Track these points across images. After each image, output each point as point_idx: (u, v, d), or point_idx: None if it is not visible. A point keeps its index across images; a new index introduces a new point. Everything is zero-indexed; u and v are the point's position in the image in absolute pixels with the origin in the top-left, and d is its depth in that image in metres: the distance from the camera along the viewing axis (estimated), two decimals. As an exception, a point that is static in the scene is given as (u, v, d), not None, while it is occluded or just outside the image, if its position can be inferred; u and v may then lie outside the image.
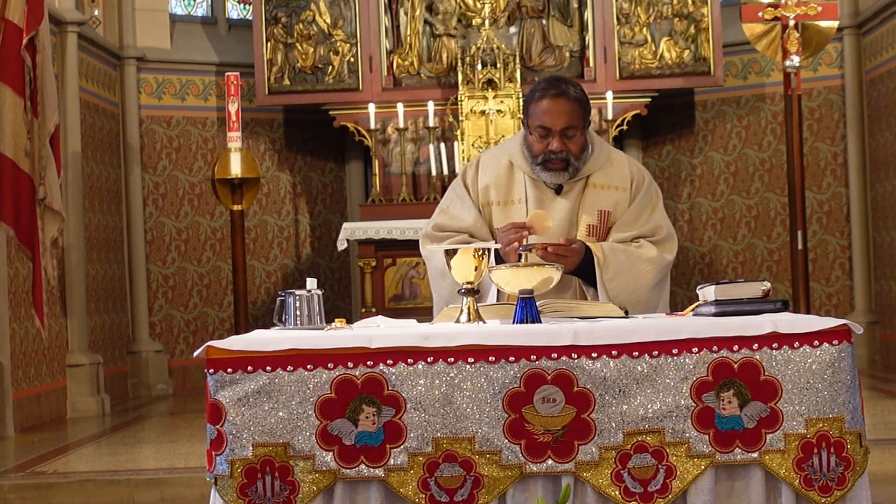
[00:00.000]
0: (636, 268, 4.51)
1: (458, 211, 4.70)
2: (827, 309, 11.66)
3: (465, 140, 11.15)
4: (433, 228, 4.74)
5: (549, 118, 4.50)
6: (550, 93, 4.51)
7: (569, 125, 4.50)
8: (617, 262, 4.47)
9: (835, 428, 3.67)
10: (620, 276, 4.46)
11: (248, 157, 10.57)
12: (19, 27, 7.94)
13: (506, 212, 4.62)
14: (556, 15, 11.86)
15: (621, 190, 4.65)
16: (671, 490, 3.66)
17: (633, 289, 4.48)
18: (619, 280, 4.45)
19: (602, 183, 4.64)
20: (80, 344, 10.21)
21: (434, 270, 4.66)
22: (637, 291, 4.48)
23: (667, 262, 4.58)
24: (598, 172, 4.64)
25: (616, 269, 4.46)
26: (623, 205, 4.64)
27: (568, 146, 4.51)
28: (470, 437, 3.67)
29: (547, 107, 4.50)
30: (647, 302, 4.50)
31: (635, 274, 4.49)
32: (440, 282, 4.63)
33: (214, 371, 3.70)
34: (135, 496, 6.74)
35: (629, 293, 4.45)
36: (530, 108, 4.56)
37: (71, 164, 10.10)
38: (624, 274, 4.47)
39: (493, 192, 4.68)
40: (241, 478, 3.68)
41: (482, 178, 4.71)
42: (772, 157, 12.05)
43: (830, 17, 10.83)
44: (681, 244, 12.28)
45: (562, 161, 4.51)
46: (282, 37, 11.55)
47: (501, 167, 4.69)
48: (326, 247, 12.45)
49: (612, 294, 4.42)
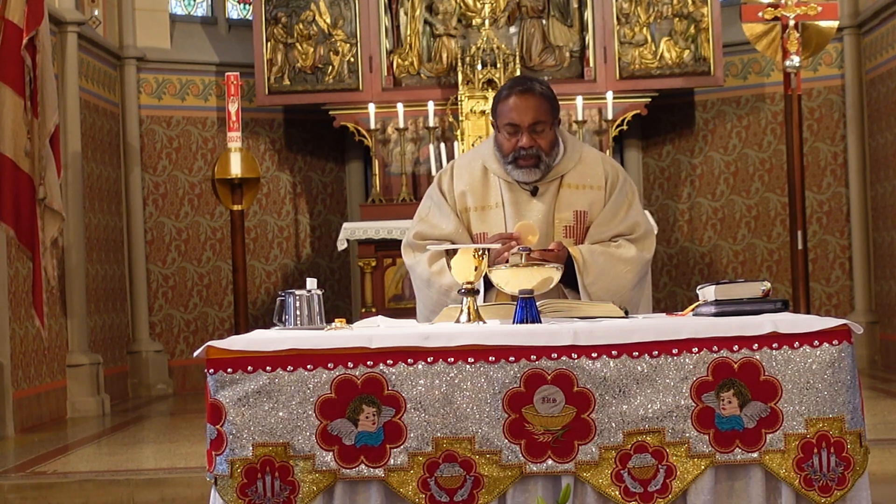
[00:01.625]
0: (616, 269, 4.51)
1: (438, 220, 4.70)
2: (827, 309, 11.66)
3: (465, 140, 11.15)
4: (414, 237, 4.73)
5: (516, 114, 4.50)
6: (517, 90, 4.53)
7: (536, 120, 4.50)
8: (597, 265, 4.48)
9: (835, 428, 3.67)
10: (601, 280, 4.46)
11: (248, 157, 10.57)
12: (19, 27, 7.94)
13: (483, 217, 4.62)
14: (556, 15, 11.86)
15: (596, 188, 4.64)
16: (671, 490, 3.66)
17: (614, 290, 4.48)
18: (599, 284, 4.45)
19: (576, 183, 4.63)
20: (80, 344, 10.21)
21: (419, 280, 4.66)
22: (618, 293, 4.48)
23: (645, 261, 4.59)
24: (572, 172, 4.64)
25: (596, 273, 4.46)
26: (598, 204, 4.63)
27: (537, 141, 4.51)
28: (470, 437, 3.67)
29: (514, 103, 4.51)
30: (628, 301, 4.50)
31: (615, 276, 4.49)
32: (425, 292, 4.62)
33: (214, 371, 3.70)
34: (135, 496, 6.74)
35: (610, 295, 4.45)
36: (498, 108, 4.56)
37: (71, 164, 10.10)
38: (604, 277, 4.47)
39: (470, 198, 4.67)
40: (241, 478, 3.68)
41: (458, 185, 4.70)
42: (772, 157, 12.05)
43: (830, 17, 10.83)
44: (681, 244, 12.29)
45: (532, 157, 4.51)
46: (282, 37, 11.55)
47: (476, 172, 4.69)
48: (326, 247, 12.45)
49: (593, 298, 4.42)
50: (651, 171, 12.50)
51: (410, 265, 4.69)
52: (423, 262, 4.61)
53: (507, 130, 4.54)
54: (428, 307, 4.62)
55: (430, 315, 4.57)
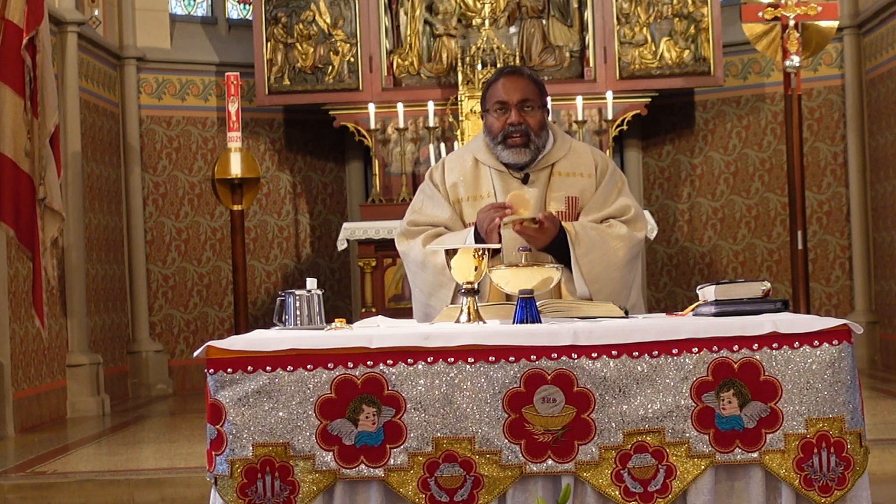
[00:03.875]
0: (608, 245, 4.55)
1: (431, 209, 4.75)
2: (827, 309, 11.66)
3: (464, 140, 11.15)
4: (408, 224, 4.77)
5: (504, 93, 4.60)
6: (505, 72, 4.67)
7: (525, 97, 4.59)
8: (589, 238, 4.52)
9: (835, 428, 3.67)
10: (593, 252, 4.49)
11: (248, 157, 10.57)
12: (19, 27, 7.94)
13: (475, 206, 4.66)
14: (556, 15, 11.86)
15: (586, 176, 4.70)
16: (671, 490, 3.66)
17: (606, 264, 4.51)
18: (591, 256, 4.49)
19: (567, 171, 4.70)
20: (80, 344, 10.21)
21: (413, 264, 4.68)
22: (609, 268, 4.51)
23: (638, 240, 4.62)
24: (563, 161, 4.71)
25: (588, 245, 4.50)
26: (589, 190, 4.69)
27: (526, 119, 4.58)
28: (470, 437, 3.67)
29: (503, 84, 4.62)
30: (619, 279, 4.53)
31: (607, 251, 4.53)
32: (420, 275, 4.65)
33: (214, 371, 3.70)
34: (135, 496, 6.74)
35: (602, 269, 4.49)
36: (488, 93, 4.67)
37: (71, 164, 10.09)
38: (596, 250, 4.50)
39: (462, 189, 4.73)
40: (241, 478, 3.68)
41: (449, 177, 4.76)
42: (772, 157, 12.05)
43: (830, 17, 10.83)
44: (681, 244, 12.29)
45: (522, 135, 4.57)
46: (282, 37, 11.55)
47: (467, 165, 4.75)
48: (326, 247, 12.45)
49: (584, 270, 4.45)
50: (651, 171, 12.50)
51: (404, 251, 4.72)
52: (416, 246, 4.65)
53: (495, 109, 4.61)
54: (424, 291, 4.63)
55: (427, 300, 4.58)
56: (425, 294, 4.63)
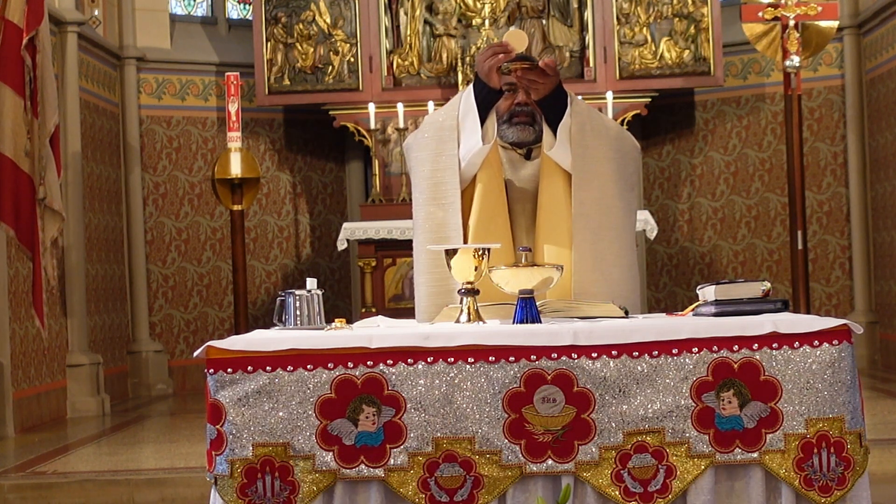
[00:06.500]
0: (601, 120, 4.62)
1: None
2: (827, 309, 11.66)
3: (464, 140, 11.14)
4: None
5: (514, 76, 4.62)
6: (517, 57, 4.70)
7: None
8: (583, 106, 4.58)
9: (835, 428, 3.67)
10: (583, 115, 4.53)
11: (248, 157, 10.57)
12: (19, 27, 7.94)
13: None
14: (556, 15, 11.86)
15: None
16: (671, 490, 3.66)
17: (596, 133, 4.53)
18: (583, 117, 4.52)
19: None
20: (80, 344, 10.21)
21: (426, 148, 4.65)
22: (598, 138, 4.54)
23: (632, 144, 4.66)
24: None
25: (582, 110, 4.53)
26: None
27: (532, 101, 4.61)
28: (470, 437, 3.67)
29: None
30: (605, 157, 4.53)
31: (599, 124, 4.58)
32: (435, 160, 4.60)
33: (214, 371, 3.70)
34: (135, 496, 6.75)
35: (593, 137, 4.51)
36: None
37: (71, 164, 10.10)
38: (589, 121, 4.54)
39: None
40: (241, 478, 3.68)
41: None
42: (772, 157, 12.05)
43: (830, 17, 10.83)
44: (681, 244, 12.29)
45: (527, 115, 4.58)
46: (282, 37, 11.55)
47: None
48: (326, 247, 12.45)
49: (573, 132, 4.45)
50: (651, 171, 12.50)
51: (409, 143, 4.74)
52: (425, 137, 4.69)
53: (504, 89, 4.61)
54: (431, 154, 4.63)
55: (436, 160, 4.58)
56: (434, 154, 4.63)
